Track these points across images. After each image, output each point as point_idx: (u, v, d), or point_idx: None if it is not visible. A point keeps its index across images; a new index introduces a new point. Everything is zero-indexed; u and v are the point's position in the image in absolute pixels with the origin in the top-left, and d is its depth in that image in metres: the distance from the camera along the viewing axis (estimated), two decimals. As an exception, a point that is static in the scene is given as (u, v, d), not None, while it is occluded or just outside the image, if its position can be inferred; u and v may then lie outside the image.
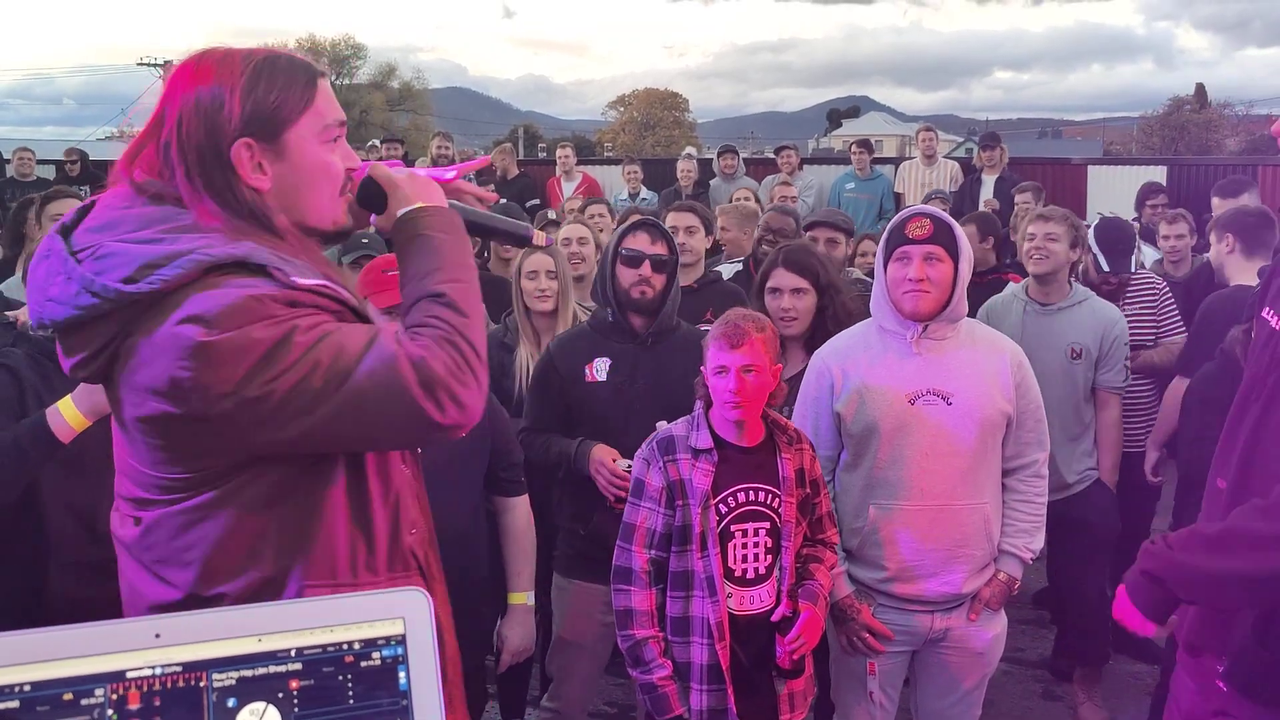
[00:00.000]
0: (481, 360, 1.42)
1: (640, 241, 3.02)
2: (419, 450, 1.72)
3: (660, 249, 3.00)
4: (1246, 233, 4.03)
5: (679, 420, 2.59)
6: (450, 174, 1.83)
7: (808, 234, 4.37)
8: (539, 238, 1.83)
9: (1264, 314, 2.00)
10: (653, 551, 2.48)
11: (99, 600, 1.58)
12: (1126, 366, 3.94)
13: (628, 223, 3.18)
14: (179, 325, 1.31)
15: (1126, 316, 4.07)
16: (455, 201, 1.66)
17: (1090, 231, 4.48)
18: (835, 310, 3.21)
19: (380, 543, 1.52)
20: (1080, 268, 4.43)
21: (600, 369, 3.01)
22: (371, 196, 1.59)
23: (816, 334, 3.18)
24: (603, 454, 2.91)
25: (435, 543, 1.72)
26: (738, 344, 2.43)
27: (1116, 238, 4.38)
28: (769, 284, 3.24)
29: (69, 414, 2.16)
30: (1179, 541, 1.87)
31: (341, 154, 1.55)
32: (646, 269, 2.97)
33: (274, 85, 1.46)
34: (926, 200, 7.32)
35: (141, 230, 1.40)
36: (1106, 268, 4.32)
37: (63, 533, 2.30)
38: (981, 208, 7.60)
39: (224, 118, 1.43)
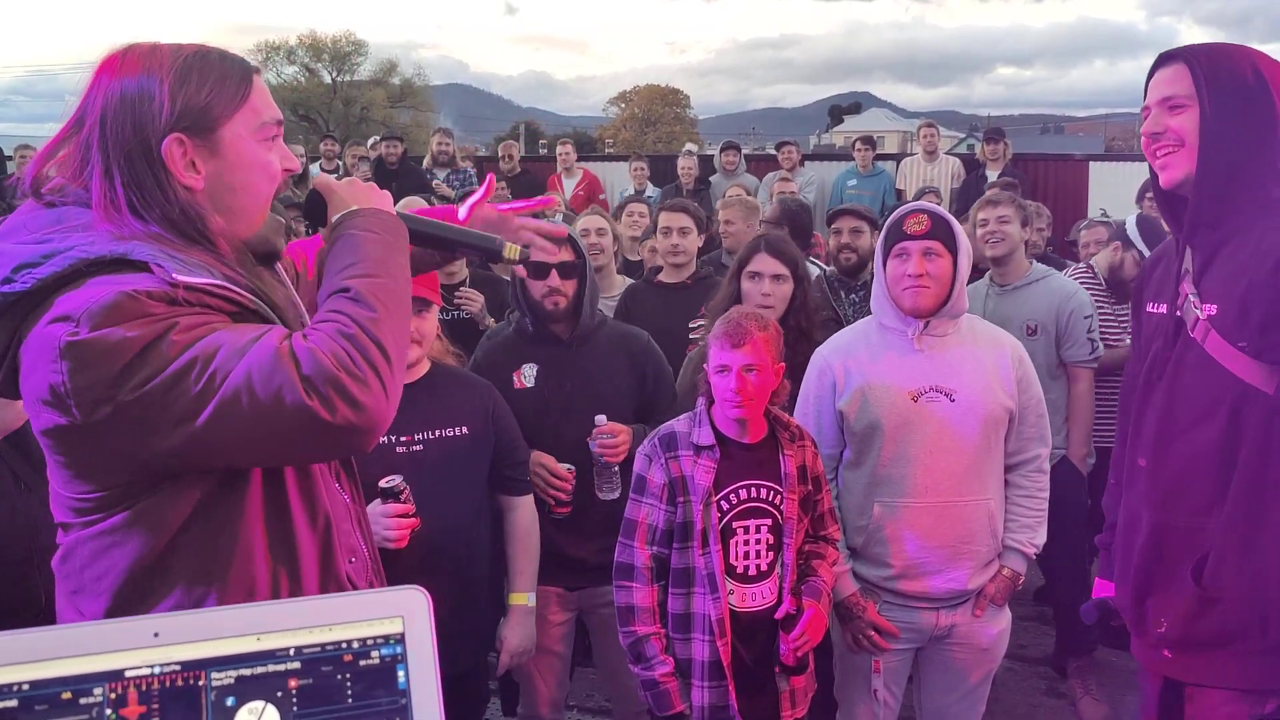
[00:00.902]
0: (390, 360, 1.30)
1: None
2: (354, 473, 1.62)
3: (565, 255, 2.93)
4: None
5: (681, 416, 2.58)
6: (463, 214, 1.82)
7: (831, 225, 4.37)
8: (511, 251, 1.74)
9: (1149, 308, 2.17)
10: (654, 548, 2.48)
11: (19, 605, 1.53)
12: (1091, 340, 3.94)
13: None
14: (48, 325, 1.25)
15: None
16: (407, 214, 1.60)
17: (1132, 225, 4.49)
18: (805, 302, 3.23)
19: (307, 570, 1.44)
20: (1101, 264, 4.44)
21: (528, 375, 2.99)
22: (315, 208, 1.55)
23: (785, 325, 3.15)
24: (541, 458, 2.91)
25: (381, 573, 1.63)
26: (740, 343, 2.42)
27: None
28: (749, 268, 3.24)
29: None
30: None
31: (279, 154, 1.48)
32: (554, 279, 2.94)
33: (206, 79, 1.39)
34: (918, 197, 7.31)
35: (35, 233, 1.34)
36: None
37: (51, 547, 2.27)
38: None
39: (153, 111, 1.35)
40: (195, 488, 1.34)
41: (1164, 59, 2.04)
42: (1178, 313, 2.03)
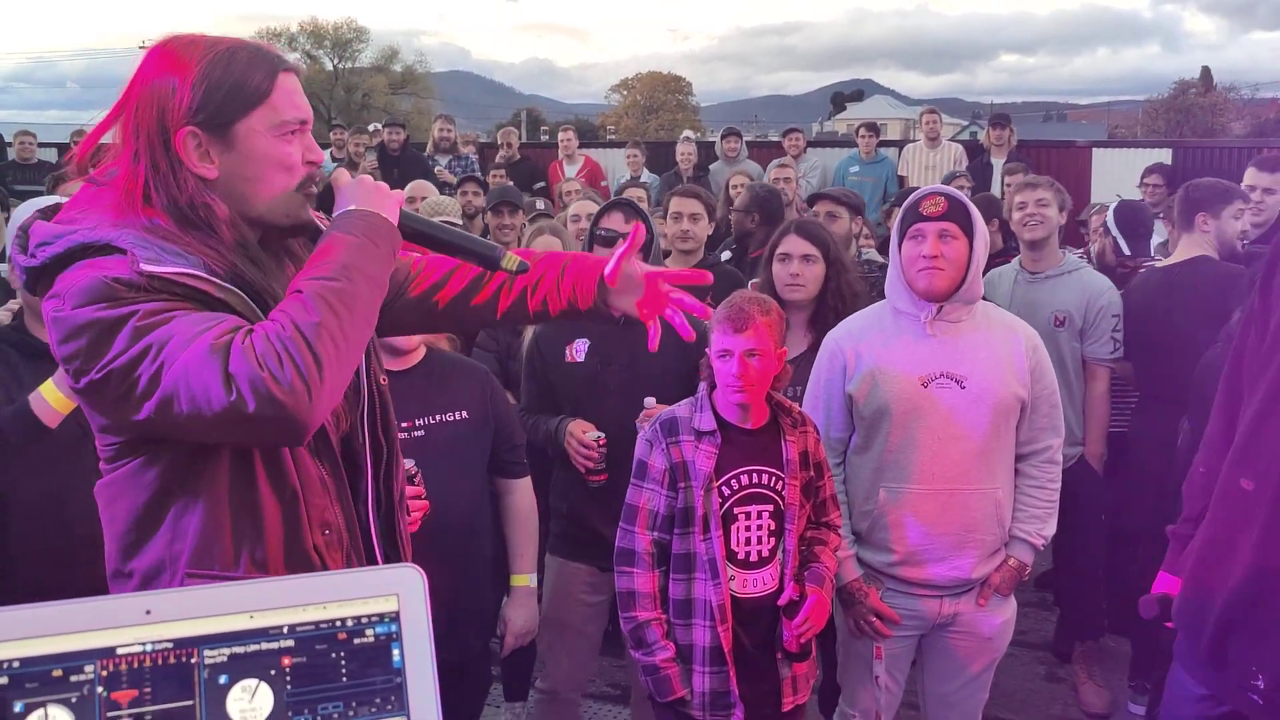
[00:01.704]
0: (322, 365, 1.34)
1: (614, 221, 3.04)
2: (333, 449, 1.65)
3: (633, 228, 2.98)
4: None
5: (683, 401, 2.57)
6: (609, 270, 1.83)
7: (811, 207, 4.36)
8: (510, 261, 1.73)
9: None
10: (655, 533, 2.47)
11: (66, 586, 1.58)
12: (1115, 339, 3.90)
13: (605, 204, 3.17)
14: (47, 300, 1.40)
15: None
16: (408, 213, 1.62)
17: (1109, 215, 4.46)
18: (840, 287, 3.20)
19: (271, 541, 1.51)
20: (1094, 250, 4.42)
21: (580, 350, 3.03)
22: (326, 202, 1.59)
23: (820, 311, 3.16)
24: (575, 427, 2.94)
25: (359, 550, 1.67)
26: (742, 328, 2.41)
27: (1136, 220, 4.36)
28: (779, 250, 3.22)
29: (52, 397, 2.17)
30: None
31: (301, 147, 1.55)
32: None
33: (229, 76, 1.47)
34: (946, 182, 7.27)
35: (68, 212, 1.47)
36: (1127, 251, 4.30)
37: (31, 520, 2.29)
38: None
39: (174, 104, 1.45)
40: (171, 452, 1.45)
41: None
42: None
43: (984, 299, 2.81)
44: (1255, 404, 1.90)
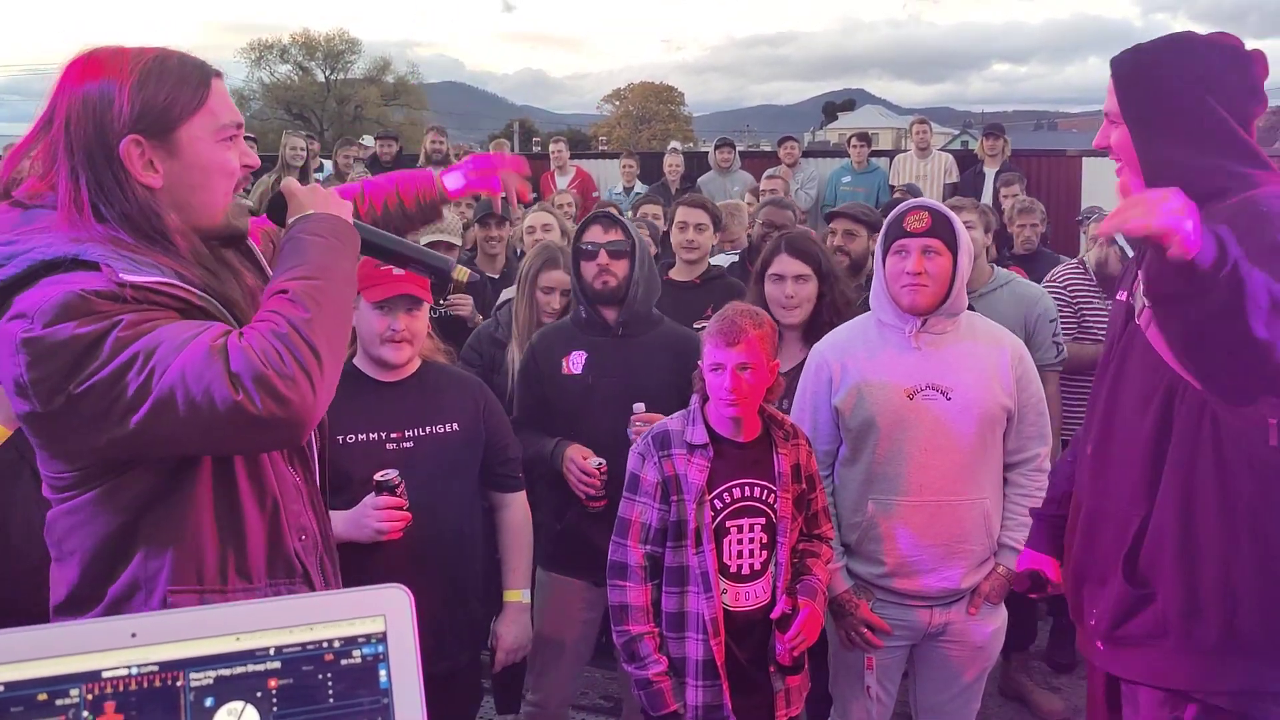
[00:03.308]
0: (321, 360, 1.36)
1: (594, 234, 3.05)
2: (307, 456, 1.69)
3: (615, 235, 3.02)
4: None
5: (675, 414, 2.57)
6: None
7: (827, 226, 4.36)
8: (460, 273, 1.82)
9: (1119, 296, 2.12)
10: (648, 547, 2.47)
11: (13, 610, 1.55)
12: (1057, 343, 3.91)
13: (588, 218, 3.19)
14: (9, 322, 1.34)
15: None
16: (362, 224, 1.66)
17: None
18: (834, 299, 3.21)
19: (254, 549, 1.52)
20: (1093, 258, 4.43)
21: (576, 362, 3.04)
22: (277, 209, 1.61)
23: (814, 324, 3.17)
24: (574, 452, 2.94)
25: (332, 550, 1.71)
26: (734, 341, 2.41)
27: None
28: (771, 270, 3.23)
29: None
30: None
31: (239, 153, 1.55)
32: (603, 258, 3.00)
33: (165, 83, 1.45)
34: (945, 196, 7.29)
35: (3, 234, 1.42)
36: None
37: None
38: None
39: (113, 114, 1.42)
40: (151, 472, 1.44)
41: (1112, 61, 1.98)
42: (1129, 298, 2.01)
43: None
44: (1094, 380, 2.13)
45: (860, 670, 2.79)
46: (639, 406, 2.90)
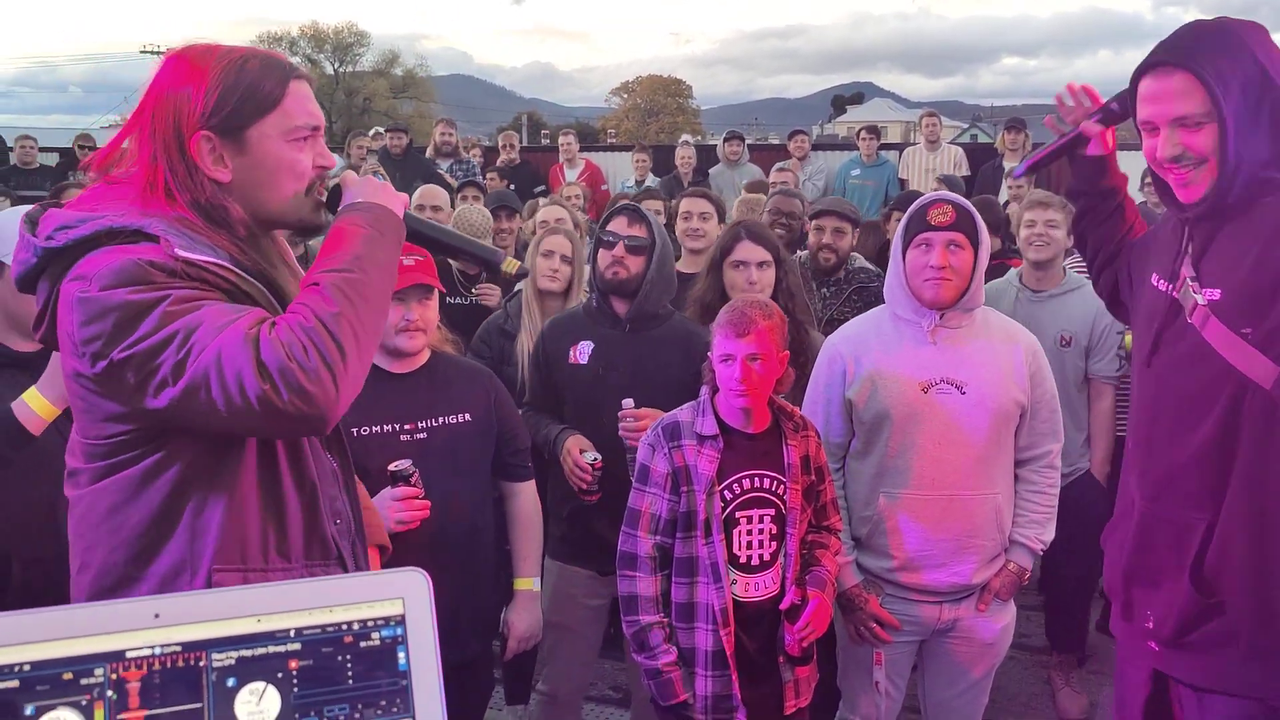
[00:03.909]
0: (346, 355, 1.39)
1: (618, 225, 3.06)
2: (342, 442, 1.73)
3: (637, 231, 3.03)
4: None
5: (685, 406, 2.58)
6: None
7: (813, 222, 4.38)
8: (510, 264, 1.80)
9: (1154, 281, 2.08)
10: (657, 537, 2.48)
11: (58, 592, 1.61)
12: (1120, 356, 3.88)
13: (614, 208, 3.21)
14: (71, 282, 1.41)
15: None
16: (412, 215, 1.68)
17: None
18: (790, 286, 3.26)
19: (293, 530, 1.56)
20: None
21: (584, 352, 3.04)
22: (336, 201, 1.64)
23: None
24: (572, 444, 2.95)
25: (363, 535, 1.75)
26: (744, 332, 2.41)
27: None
28: (733, 257, 3.25)
29: (36, 404, 2.16)
30: None
31: (315, 154, 1.60)
32: (620, 250, 3.01)
33: (242, 82, 1.52)
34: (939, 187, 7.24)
35: (86, 203, 1.50)
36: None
37: (21, 528, 2.29)
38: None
39: (189, 110, 1.49)
40: (198, 444, 1.47)
41: (1161, 64, 1.92)
42: (1174, 294, 1.97)
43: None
44: (1134, 370, 2.12)
45: (869, 665, 2.79)
46: (628, 402, 2.90)
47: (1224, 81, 1.83)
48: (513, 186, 8.05)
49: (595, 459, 2.91)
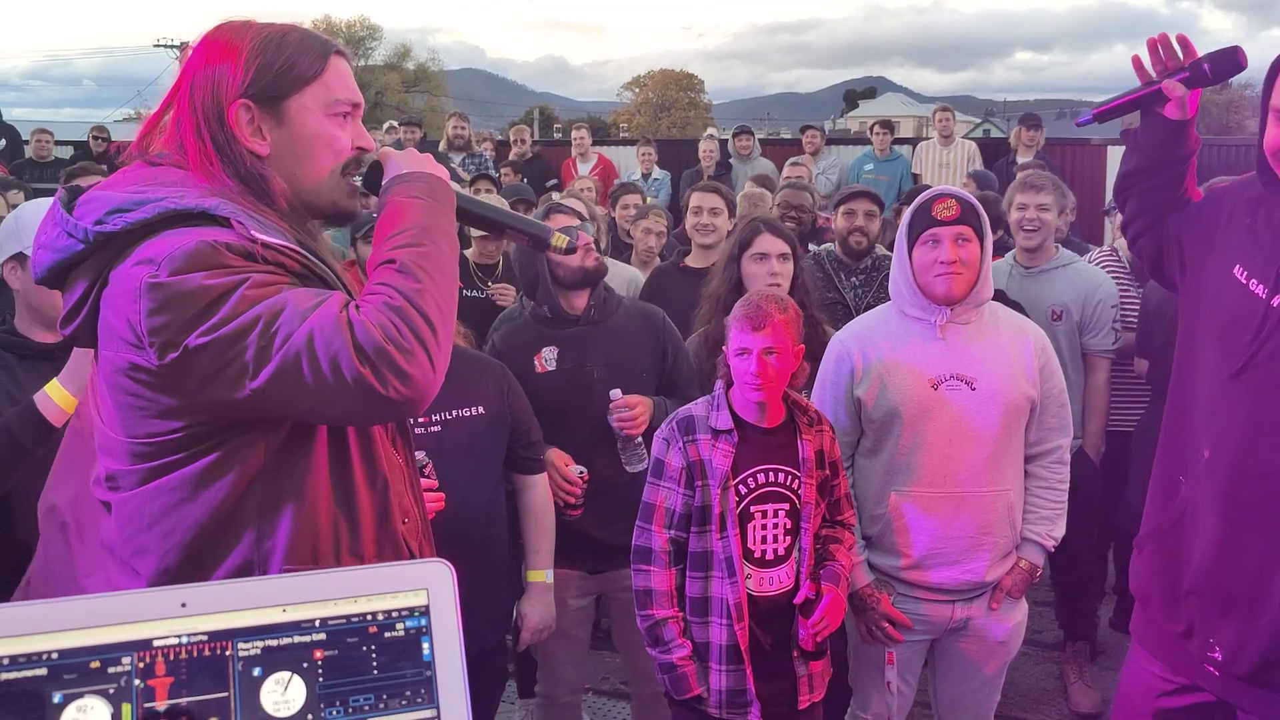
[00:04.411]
0: (436, 330, 1.35)
1: (562, 221, 2.97)
2: (408, 438, 1.68)
3: (578, 220, 3.01)
4: None
5: (699, 400, 2.58)
6: None
7: (842, 207, 4.35)
8: (559, 240, 1.75)
9: (1237, 273, 1.96)
10: (672, 532, 2.48)
11: None
12: (1115, 330, 3.89)
13: (540, 214, 3.15)
14: (134, 267, 1.32)
15: None
16: (460, 192, 1.63)
17: None
18: (805, 281, 3.24)
19: (365, 527, 1.50)
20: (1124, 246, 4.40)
21: (549, 358, 2.98)
22: (374, 178, 1.59)
23: None
24: (555, 458, 2.91)
25: (430, 535, 1.69)
26: (760, 326, 2.41)
27: None
28: (754, 250, 3.22)
29: (58, 395, 2.14)
30: None
31: (353, 133, 1.55)
32: (584, 238, 2.93)
33: (282, 53, 1.48)
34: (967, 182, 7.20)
35: (134, 184, 1.42)
36: None
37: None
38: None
39: (228, 79, 1.45)
40: (264, 440, 1.40)
41: None
42: (1275, 300, 1.83)
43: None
44: (1211, 377, 1.95)
45: (880, 663, 2.78)
46: (615, 393, 2.87)
47: None
48: (525, 180, 8.05)
49: (581, 471, 2.90)
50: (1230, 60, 1.91)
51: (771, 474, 2.48)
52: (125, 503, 1.42)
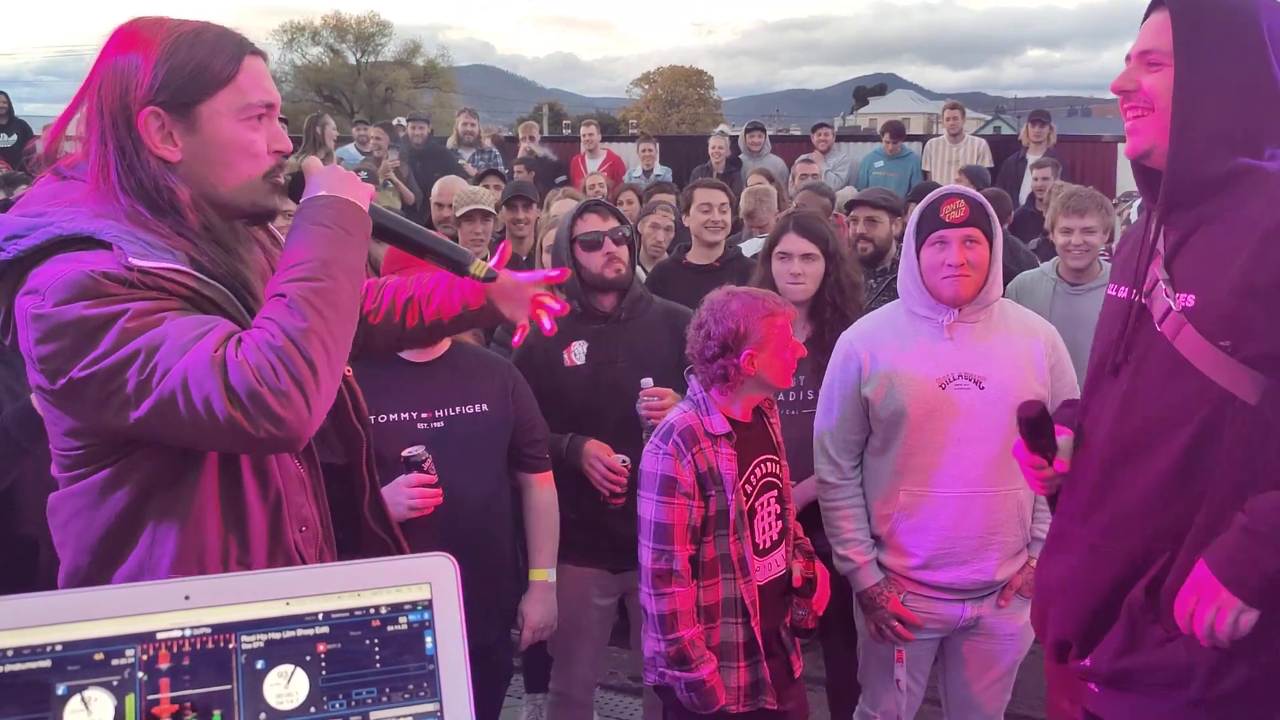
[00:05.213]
0: (317, 372, 1.32)
1: (593, 223, 2.99)
2: (322, 441, 1.69)
3: (614, 222, 3.00)
4: None
5: (679, 408, 2.53)
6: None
7: (848, 215, 4.36)
8: (478, 268, 1.70)
9: (1110, 290, 1.95)
10: (689, 546, 2.43)
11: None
12: None
13: (574, 209, 3.11)
14: (23, 296, 1.33)
15: None
16: (379, 209, 1.60)
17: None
18: (840, 279, 3.20)
19: (256, 540, 1.51)
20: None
21: (578, 353, 2.97)
22: (296, 188, 1.56)
23: (818, 303, 3.18)
24: (597, 449, 2.91)
25: (332, 541, 1.70)
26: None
27: None
28: (778, 249, 3.22)
29: None
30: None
31: (269, 135, 1.51)
32: (610, 245, 2.95)
33: (193, 57, 1.43)
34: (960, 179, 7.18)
35: (36, 205, 1.41)
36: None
37: (43, 512, 2.31)
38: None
39: (136, 83, 1.41)
40: (158, 456, 1.42)
41: (1157, 4, 1.74)
42: (1142, 299, 1.78)
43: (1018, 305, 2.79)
44: (1085, 386, 1.99)
45: (889, 662, 2.78)
46: (647, 381, 2.88)
47: (1199, 28, 1.66)
48: (532, 174, 8.05)
49: (624, 459, 2.88)
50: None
51: (764, 465, 2.51)
52: (56, 502, 1.50)
